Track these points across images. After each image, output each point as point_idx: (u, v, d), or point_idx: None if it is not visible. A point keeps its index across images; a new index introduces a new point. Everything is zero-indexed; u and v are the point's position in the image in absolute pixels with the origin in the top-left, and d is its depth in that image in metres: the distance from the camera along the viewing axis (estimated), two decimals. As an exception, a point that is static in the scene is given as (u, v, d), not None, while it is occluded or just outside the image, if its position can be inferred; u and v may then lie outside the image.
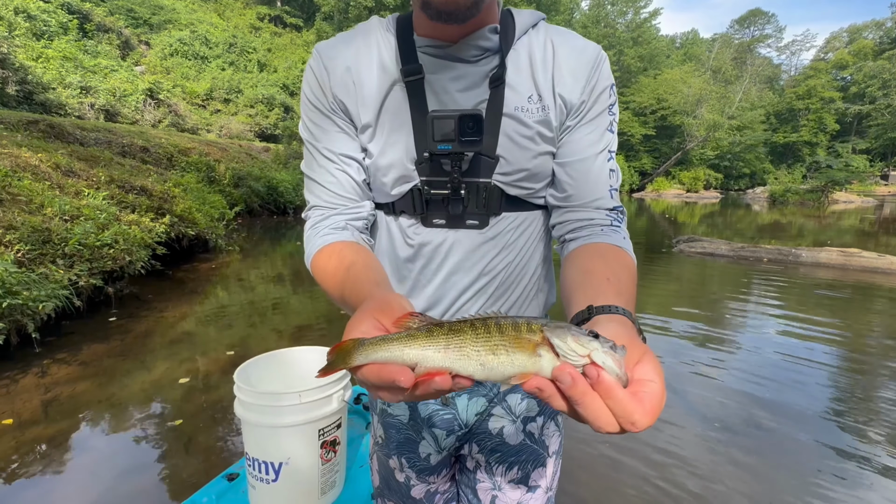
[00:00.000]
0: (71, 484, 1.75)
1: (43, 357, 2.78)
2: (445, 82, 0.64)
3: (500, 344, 0.35)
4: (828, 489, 1.81)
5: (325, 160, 0.68)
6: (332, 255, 0.62)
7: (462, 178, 0.64)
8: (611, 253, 0.61)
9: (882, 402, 2.59)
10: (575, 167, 0.66)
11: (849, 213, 18.83)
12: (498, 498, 0.79)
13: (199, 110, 25.88)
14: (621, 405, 0.33)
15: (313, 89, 0.68)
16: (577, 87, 0.64)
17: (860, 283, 5.49)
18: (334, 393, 1.31)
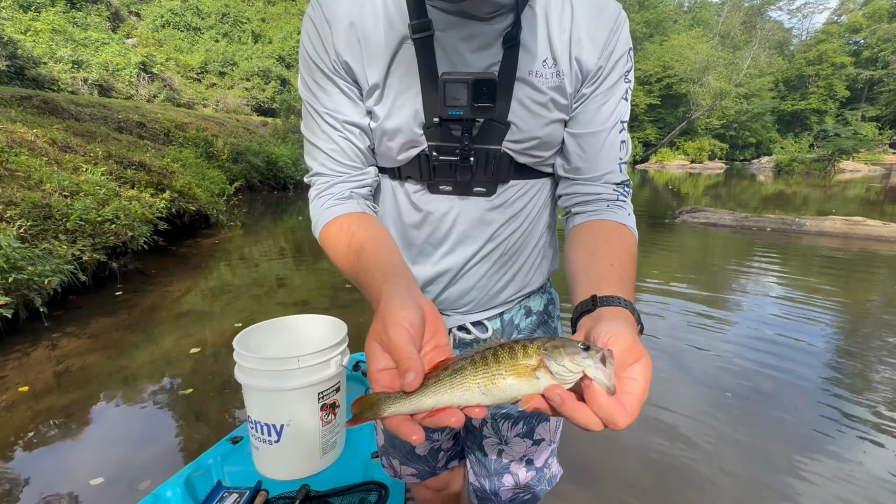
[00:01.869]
0: (87, 450, 1.83)
1: (52, 330, 2.85)
2: (457, 41, 0.60)
3: (498, 374, 0.37)
4: (822, 453, 1.87)
5: (327, 126, 0.65)
6: (342, 234, 0.62)
7: (472, 145, 0.62)
8: (616, 233, 0.62)
9: (881, 369, 2.64)
10: (587, 140, 0.64)
11: (855, 183, 18.59)
12: (504, 451, 0.82)
13: (194, 84, 25.38)
14: (606, 411, 0.36)
15: (315, 45, 0.62)
16: (594, 51, 0.61)
17: (864, 251, 5.48)
18: (332, 358, 1.35)
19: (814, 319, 3.36)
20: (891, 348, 2.88)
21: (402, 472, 0.90)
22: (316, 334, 1.53)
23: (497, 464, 0.82)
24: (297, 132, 15.18)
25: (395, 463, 0.90)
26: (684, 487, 1.67)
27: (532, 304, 0.82)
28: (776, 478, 1.72)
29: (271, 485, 1.34)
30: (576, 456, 1.81)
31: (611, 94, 0.64)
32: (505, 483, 0.82)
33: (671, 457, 1.84)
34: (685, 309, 3.59)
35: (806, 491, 1.65)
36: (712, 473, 1.74)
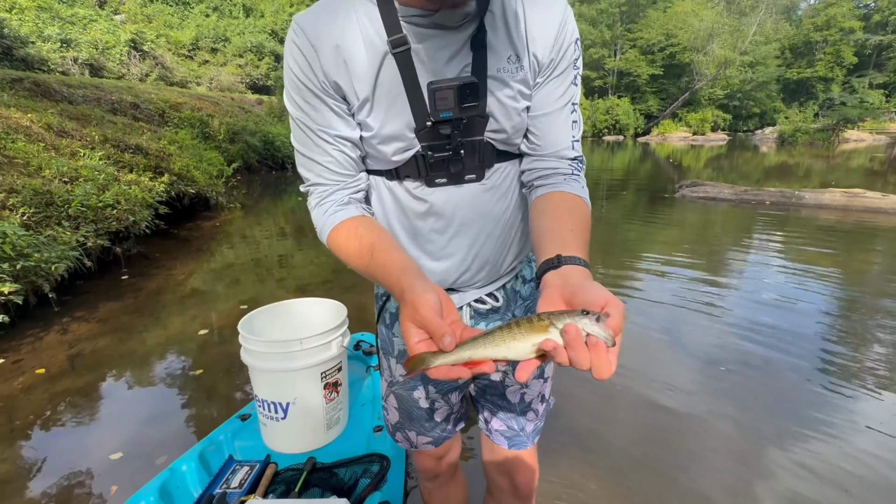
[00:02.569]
0: (105, 427, 1.93)
1: (62, 315, 2.93)
2: (432, 51, 0.66)
3: (520, 333, 0.48)
4: (817, 420, 1.97)
5: (321, 141, 0.70)
6: (350, 236, 0.69)
7: (461, 139, 0.69)
8: (574, 204, 0.70)
9: (874, 337, 2.71)
10: (542, 120, 0.73)
11: (859, 153, 18.37)
12: (526, 393, 0.95)
13: (186, 62, 24.85)
14: (603, 359, 0.45)
15: (302, 68, 0.66)
16: (546, 45, 0.68)
17: (863, 223, 5.51)
18: (333, 340, 1.42)
19: (809, 289, 3.43)
20: (886, 315, 2.95)
21: (418, 441, 0.98)
22: (317, 317, 1.60)
23: (522, 404, 0.95)
24: (294, 110, 14.98)
25: (412, 435, 0.98)
26: (681, 454, 1.77)
27: (526, 273, 0.93)
28: (776, 443, 1.82)
29: (279, 458, 1.43)
30: (578, 422, 1.90)
31: (562, 80, 0.72)
32: (528, 418, 0.96)
33: (670, 423, 1.95)
34: (685, 282, 3.66)
35: (805, 460, 1.74)
36: (710, 439, 1.84)
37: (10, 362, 2.38)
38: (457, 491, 1.19)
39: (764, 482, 1.61)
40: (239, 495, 1.26)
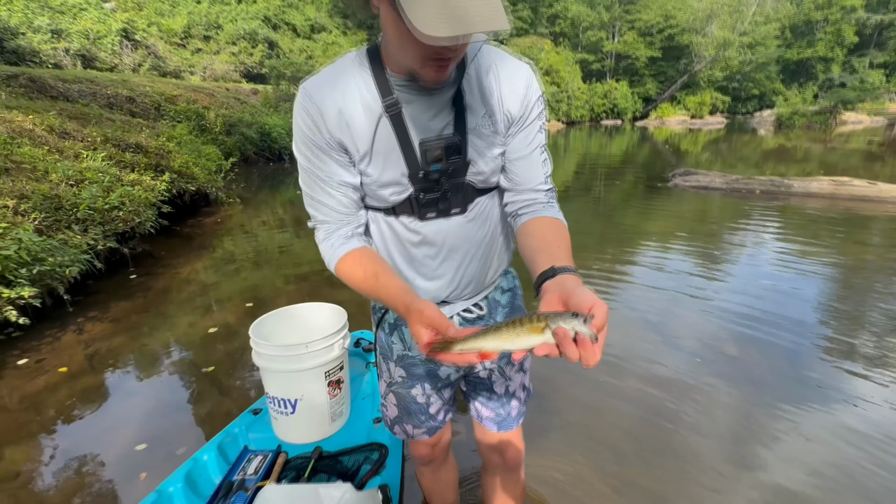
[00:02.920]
0: (127, 421, 2.09)
1: (77, 315, 3.09)
2: (419, 112, 0.80)
3: (522, 331, 0.58)
4: (810, 399, 2.16)
5: (326, 186, 0.84)
6: (356, 265, 0.84)
7: (448, 182, 0.84)
8: (555, 225, 0.85)
9: (863, 319, 2.88)
10: (518, 163, 0.88)
11: (856, 135, 18.38)
12: (509, 385, 1.11)
13: (178, 50, 24.56)
14: (589, 352, 0.54)
15: (310, 127, 0.80)
16: (516, 103, 0.83)
17: (849, 211, 5.65)
18: (335, 342, 1.58)
19: (801, 278, 3.61)
20: (875, 298, 3.11)
21: (414, 433, 1.14)
22: (320, 320, 1.75)
23: (507, 395, 1.12)
24: (289, 100, 14.90)
25: (409, 427, 1.14)
26: (677, 433, 1.96)
27: (503, 284, 1.08)
28: (767, 424, 2.02)
29: (289, 448, 1.60)
30: (578, 400, 2.07)
31: (531, 130, 0.86)
32: (513, 405, 1.13)
33: (665, 404, 2.15)
34: (678, 270, 3.85)
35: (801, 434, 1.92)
36: (704, 419, 2.04)
37: (34, 362, 2.55)
38: (448, 473, 1.36)
39: (757, 460, 1.79)
40: (255, 481, 1.43)
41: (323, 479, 1.51)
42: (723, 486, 1.68)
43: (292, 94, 15.29)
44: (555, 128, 27.25)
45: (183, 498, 1.39)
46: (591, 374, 2.33)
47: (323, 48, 24.43)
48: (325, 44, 25.58)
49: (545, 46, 26.81)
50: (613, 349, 2.56)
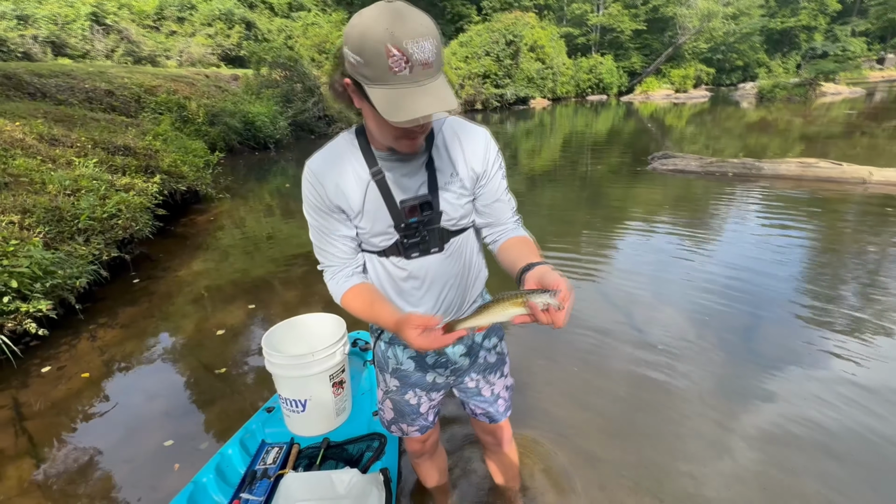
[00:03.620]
0: (152, 420, 2.34)
1: (88, 323, 3.29)
2: (398, 176, 1.03)
3: (507, 305, 0.83)
4: (785, 366, 2.50)
5: (332, 239, 1.09)
6: (356, 297, 1.09)
7: (425, 229, 1.06)
8: (524, 240, 1.11)
9: (832, 292, 3.21)
10: (492, 206, 1.12)
11: (836, 106, 18.74)
12: (494, 388, 1.38)
13: (152, 34, 23.77)
14: (556, 318, 0.81)
15: (314, 197, 1.05)
16: (478, 163, 1.07)
17: (816, 191, 5.98)
18: (337, 350, 1.83)
19: (773, 252, 3.96)
20: (839, 271, 3.44)
21: (408, 430, 1.41)
22: (323, 329, 1.99)
23: (493, 397, 1.39)
24: (271, 87, 14.69)
25: (404, 426, 1.41)
26: (663, 397, 2.30)
27: (479, 304, 1.32)
28: (751, 383, 2.37)
29: (301, 440, 1.87)
30: (568, 370, 2.37)
31: (495, 179, 1.10)
32: (499, 404, 1.40)
33: (654, 369, 2.50)
34: (660, 249, 4.19)
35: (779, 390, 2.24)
36: (690, 384, 2.38)
37: (55, 369, 2.77)
38: (438, 461, 1.66)
39: (742, 420, 2.10)
40: (275, 470, 1.70)
41: (331, 466, 1.78)
42: (708, 435, 2.01)
43: (275, 81, 15.03)
44: (541, 105, 27.14)
45: (216, 487, 1.65)
46: (581, 342, 2.76)
47: (303, 28, 23.79)
48: (304, 24, 24.87)
49: (530, 20, 26.39)
50: (599, 321, 2.92)
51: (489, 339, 1.34)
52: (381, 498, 1.56)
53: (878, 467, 1.85)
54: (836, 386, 2.32)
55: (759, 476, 1.84)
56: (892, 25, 34.22)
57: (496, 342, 1.36)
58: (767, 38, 37.43)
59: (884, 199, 5.51)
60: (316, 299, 3.54)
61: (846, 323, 2.91)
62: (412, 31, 0.77)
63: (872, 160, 7.20)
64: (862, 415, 2.11)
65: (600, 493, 1.80)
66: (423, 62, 0.79)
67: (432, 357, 1.28)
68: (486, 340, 1.33)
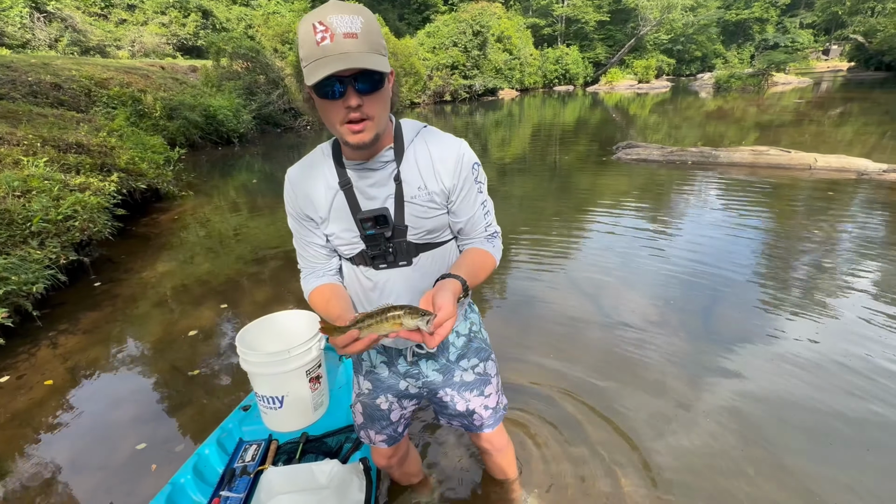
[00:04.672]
0: (121, 427, 2.28)
1: (47, 330, 3.15)
2: (365, 186, 1.05)
3: (386, 325, 0.89)
4: (746, 339, 2.69)
5: (305, 244, 1.16)
6: (318, 295, 1.14)
7: (389, 241, 1.06)
8: (477, 252, 1.13)
9: (786, 271, 3.42)
10: (466, 222, 1.12)
11: (786, 96, 19.76)
12: (469, 405, 1.35)
13: (100, 22, 22.46)
14: (427, 340, 0.88)
15: (290, 204, 1.12)
16: (449, 177, 1.05)
17: (767, 178, 6.33)
18: (313, 345, 1.84)
19: (730, 235, 4.16)
20: (794, 252, 3.68)
21: (375, 440, 1.43)
22: (297, 326, 2.00)
23: (467, 412, 1.36)
24: (233, 79, 14.17)
25: (371, 433, 1.42)
26: (638, 368, 2.45)
27: (459, 328, 1.32)
28: (716, 358, 2.55)
29: (279, 436, 1.88)
30: (545, 353, 2.46)
31: (469, 194, 1.10)
32: (475, 419, 1.38)
33: (627, 344, 2.68)
34: (627, 238, 4.33)
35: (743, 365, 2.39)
36: (660, 361, 2.53)
37: (15, 378, 2.65)
38: (410, 467, 1.69)
39: (707, 394, 2.24)
40: (254, 467, 1.71)
41: (311, 459, 1.81)
42: (671, 410, 2.14)
43: (236, 72, 14.49)
44: (509, 95, 27.33)
45: (194, 486, 1.65)
46: (553, 330, 2.90)
47: (264, 17, 22.95)
48: (265, 13, 23.99)
49: (496, 10, 26.42)
50: (568, 308, 3.09)
51: (467, 359, 1.31)
52: (361, 486, 1.60)
53: (821, 432, 2.03)
54: (785, 360, 2.51)
55: (716, 442, 1.99)
56: (835, 18, 36.20)
57: (476, 363, 1.32)
58: (724, 29, 38.94)
59: (827, 185, 5.90)
60: (288, 296, 3.51)
61: (795, 301, 3.14)
62: (338, 8, 0.85)
63: (818, 147, 7.68)
64: (806, 386, 2.31)
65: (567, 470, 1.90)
66: (347, 33, 0.84)
67: (403, 366, 1.29)
68: (464, 360, 1.31)
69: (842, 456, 1.89)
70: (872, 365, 2.42)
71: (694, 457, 1.92)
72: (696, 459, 1.91)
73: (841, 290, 3.24)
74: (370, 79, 0.89)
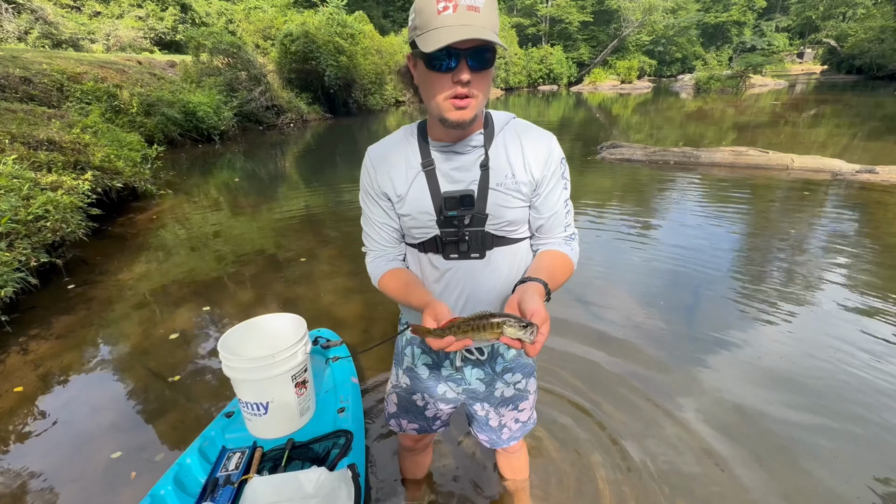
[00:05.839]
0: (96, 437, 2.17)
1: (17, 335, 3.01)
2: (448, 169, 1.02)
3: (484, 332, 0.83)
4: (726, 329, 2.72)
5: (378, 225, 1.12)
6: (393, 279, 1.10)
7: (465, 229, 1.02)
8: (557, 255, 1.08)
9: (767, 266, 3.49)
10: (548, 219, 1.08)
11: (763, 96, 20.30)
12: (501, 420, 1.35)
13: (73, 14, 21.73)
14: (528, 349, 0.81)
15: (366, 180, 1.09)
16: (539, 168, 1.02)
17: (746, 178, 6.48)
18: (298, 349, 1.80)
19: (712, 234, 4.25)
20: (774, 250, 3.75)
21: (407, 427, 1.41)
22: (282, 329, 1.95)
23: (499, 427, 1.35)
24: (213, 75, 13.85)
25: (404, 422, 1.40)
26: (615, 379, 2.42)
27: None
28: (699, 347, 2.63)
29: (264, 443, 1.83)
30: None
31: (555, 188, 1.06)
32: (503, 434, 1.38)
33: (613, 340, 2.70)
34: (611, 236, 4.35)
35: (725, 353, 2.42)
36: (643, 354, 2.56)
37: (-19, 387, 2.53)
38: (425, 458, 1.70)
39: (688, 390, 2.26)
40: (238, 476, 1.66)
41: (297, 466, 1.76)
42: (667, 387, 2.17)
43: (216, 68, 14.18)
44: (494, 94, 27.41)
45: (175, 498, 1.59)
46: None
47: (245, 12, 22.50)
48: (246, 7, 23.52)
49: (481, 10, 26.40)
50: (554, 310, 2.99)
51: (512, 373, 1.27)
52: (350, 493, 1.56)
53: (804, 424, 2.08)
54: (762, 354, 2.57)
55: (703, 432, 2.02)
56: (809, 22, 37.32)
57: (519, 379, 1.29)
58: (703, 31, 39.79)
59: (803, 184, 6.07)
60: (273, 298, 3.44)
61: (773, 297, 3.21)
62: None
63: (793, 147, 7.89)
64: (783, 381, 2.36)
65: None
66: (470, 6, 0.82)
67: (448, 370, 1.26)
68: (508, 374, 1.27)
69: (831, 447, 1.94)
70: (842, 353, 2.53)
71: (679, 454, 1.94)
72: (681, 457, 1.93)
73: (815, 284, 3.33)
74: (483, 56, 0.87)
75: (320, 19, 17.58)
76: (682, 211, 5.23)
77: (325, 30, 16.83)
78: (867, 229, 4.45)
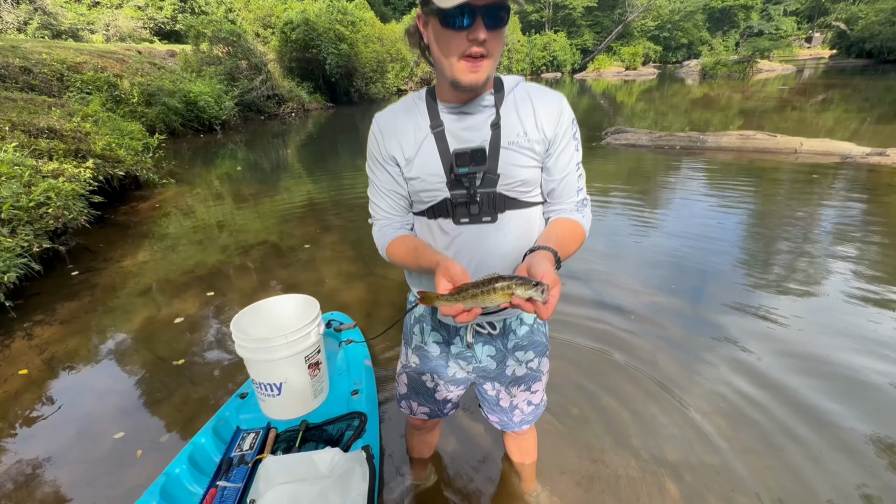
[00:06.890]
0: (102, 420, 2.15)
1: (21, 321, 2.98)
2: (458, 130, 0.99)
3: (495, 296, 0.79)
4: (730, 318, 2.69)
5: (384, 192, 1.09)
6: (400, 245, 1.06)
7: (477, 189, 0.98)
8: (568, 223, 1.04)
9: (773, 252, 3.42)
10: (560, 181, 1.04)
11: (770, 83, 19.99)
12: (513, 401, 1.31)
13: (72, 5, 21.49)
14: (540, 311, 0.76)
15: (373, 146, 1.05)
16: (550, 126, 0.99)
17: (754, 162, 6.37)
18: (311, 330, 1.75)
19: (719, 218, 4.17)
20: (780, 234, 3.68)
21: (417, 410, 1.38)
22: (294, 310, 1.91)
23: (510, 408, 1.33)
24: (213, 64, 13.72)
25: (414, 404, 1.37)
26: (624, 351, 2.41)
27: (525, 316, 1.23)
28: (705, 332, 2.58)
29: (278, 424, 1.80)
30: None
31: (566, 149, 1.02)
32: (515, 416, 1.35)
33: (615, 327, 2.65)
34: (617, 222, 4.29)
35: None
36: (650, 341, 2.50)
37: (-12, 372, 2.50)
38: (433, 438, 1.68)
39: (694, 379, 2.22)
40: (252, 455, 1.62)
41: (311, 447, 1.73)
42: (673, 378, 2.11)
43: (217, 57, 14.02)
44: (496, 83, 27.09)
45: (190, 477, 1.57)
46: None
47: (244, 1, 22.21)
48: (245, -5, 23.19)
49: (482, -3, 26.01)
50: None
51: (524, 351, 1.23)
52: (364, 475, 1.53)
53: (811, 407, 2.04)
54: (768, 339, 2.51)
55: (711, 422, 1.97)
56: (818, 6, 36.67)
57: (531, 357, 1.25)
58: (709, 16, 39.08)
59: (812, 168, 5.96)
60: (276, 285, 3.39)
61: (781, 282, 3.14)
62: None
63: (801, 132, 7.75)
64: (789, 368, 2.31)
65: (578, 450, 1.87)
66: None
67: (458, 347, 1.22)
68: (520, 352, 1.23)
69: (842, 435, 1.89)
70: (852, 335, 2.48)
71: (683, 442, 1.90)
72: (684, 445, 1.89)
73: (825, 269, 3.27)
74: (498, 14, 0.84)
75: (320, 6, 17.35)
76: (688, 196, 5.14)
77: (326, 17, 16.61)
78: (879, 212, 4.37)
